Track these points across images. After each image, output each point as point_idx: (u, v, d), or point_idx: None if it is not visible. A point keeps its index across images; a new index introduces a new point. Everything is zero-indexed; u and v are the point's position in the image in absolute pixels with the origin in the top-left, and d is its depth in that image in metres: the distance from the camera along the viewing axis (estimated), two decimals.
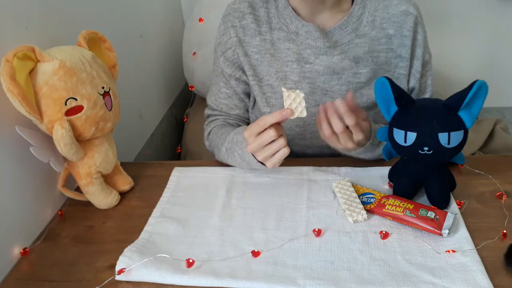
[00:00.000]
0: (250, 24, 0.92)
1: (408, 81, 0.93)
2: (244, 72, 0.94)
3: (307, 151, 0.97)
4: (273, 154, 0.76)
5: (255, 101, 0.98)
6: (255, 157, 0.81)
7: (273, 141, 0.75)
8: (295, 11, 0.90)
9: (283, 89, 0.73)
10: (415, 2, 0.91)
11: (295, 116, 0.73)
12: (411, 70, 0.92)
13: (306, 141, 0.95)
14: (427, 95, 0.96)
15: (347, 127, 0.75)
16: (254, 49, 0.92)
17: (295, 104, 0.73)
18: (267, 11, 0.92)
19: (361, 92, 0.91)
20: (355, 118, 0.74)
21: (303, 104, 0.73)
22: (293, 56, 0.90)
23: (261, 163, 0.81)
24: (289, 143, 0.77)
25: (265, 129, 0.74)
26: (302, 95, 0.72)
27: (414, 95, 0.94)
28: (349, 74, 0.90)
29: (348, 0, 0.90)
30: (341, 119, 0.74)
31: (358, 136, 0.76)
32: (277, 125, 0.74)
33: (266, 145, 0.75)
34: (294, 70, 0.90)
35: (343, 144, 0.77)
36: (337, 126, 0.74)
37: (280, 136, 0.75)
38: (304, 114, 0.73)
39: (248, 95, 0.99)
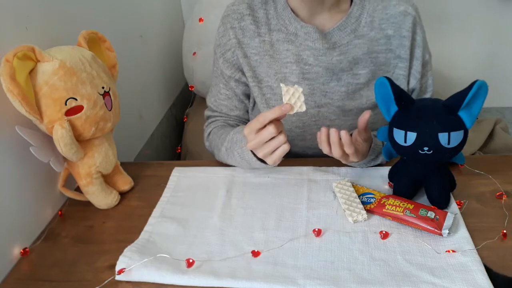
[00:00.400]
0: (249, 25, 0.91)
1: (408, 82, 0.93)
2: (243, 73, 0.94)
3: (307, 152, 0.97)
4: (274, 151, 0.76)
5: (255, 102, 0.98)
6: (255, 155, 0.81)
7: (273, 138, 0.75)
8: (294, 12, 0.90)
9: (281, 84, 0.72)
10: (413, 3, 0.91)
11: (295, 111, 0.73)
12: (411, 70, 0.92)
13: (306, 142, 0.95)
14: (428, 95, 0.96)
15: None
16: (253, 50, 0.92)
17: (294, 99, 0.72)
18: (266, 13, 0.92)
19: (360, 94, 0.91)
20: (354, 148, 0.76)
21: (302, 98, 0.73)
22: (292, 58, 0.90)
23: (261, 161, 0.81)
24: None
25: (265, 126, 0.74)
26: (301, 89, 0.72)
27: (415, 96, 0.94)
28: (348, 75, 0.90)
29: (347, 0, 0.90)
30: (341, 146, 0.76)
31: (353, 159, 0.80)
32: (276, 122, 0.74)
33: (266, 142, 0.75)
34: (294, 71, 0.90)
35: (337, 158, 0.81)
36: (336, 153, 0.77)
37: (280, 132, 0.75)
38: (304, 108, 0.73)
39: (248, 96, 0.99)
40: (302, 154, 0.98)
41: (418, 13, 0.91)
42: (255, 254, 0.69)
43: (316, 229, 0.72)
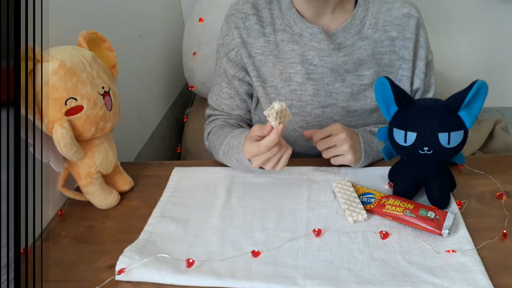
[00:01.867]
0: (253, 25, 0.92)
1: (412, 83, 0.94)
2: (247, 73, 0.94)
3: (310, 152, 0.97)
4: (278, 161, 0.77)
5: (257, 102, 0.98)
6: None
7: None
8: (298, 12, 0.90)
9: (265, 113, 0.72)
10: (416, 5, 0.92)
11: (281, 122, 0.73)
12: (415, 71, 0.93)
13: (309, 143, 0.95)
14: (430, 94, 0.97)
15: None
16: (258, 50, 0.92)
17: (279, 115, 0.72)
18: (270, 12, 0.92)
19: (365, 94, 0.91)
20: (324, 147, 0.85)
21: (285, 110, 0.72)
22: (297, 58, 0.90)
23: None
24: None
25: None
26: (277, 106, 0.71)
27: (418, 96, 0.95)
28: (352, 76, 0.90)
29: (351, 1, 0.91)
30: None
31: (344, 161, 0.85)
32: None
33: (269, 158, 0.77)
34: (298, 71, 0.91)
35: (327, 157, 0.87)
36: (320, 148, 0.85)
37: (279, 148, 0.76)
38: (289, 116, 0.73)
39: (250, 95, 0.99)
40: (305, 154, 0.98)
41: (421, 15, 0.92)
42: (255, 254, 0.69)
43: (316, 229, 0.72)
